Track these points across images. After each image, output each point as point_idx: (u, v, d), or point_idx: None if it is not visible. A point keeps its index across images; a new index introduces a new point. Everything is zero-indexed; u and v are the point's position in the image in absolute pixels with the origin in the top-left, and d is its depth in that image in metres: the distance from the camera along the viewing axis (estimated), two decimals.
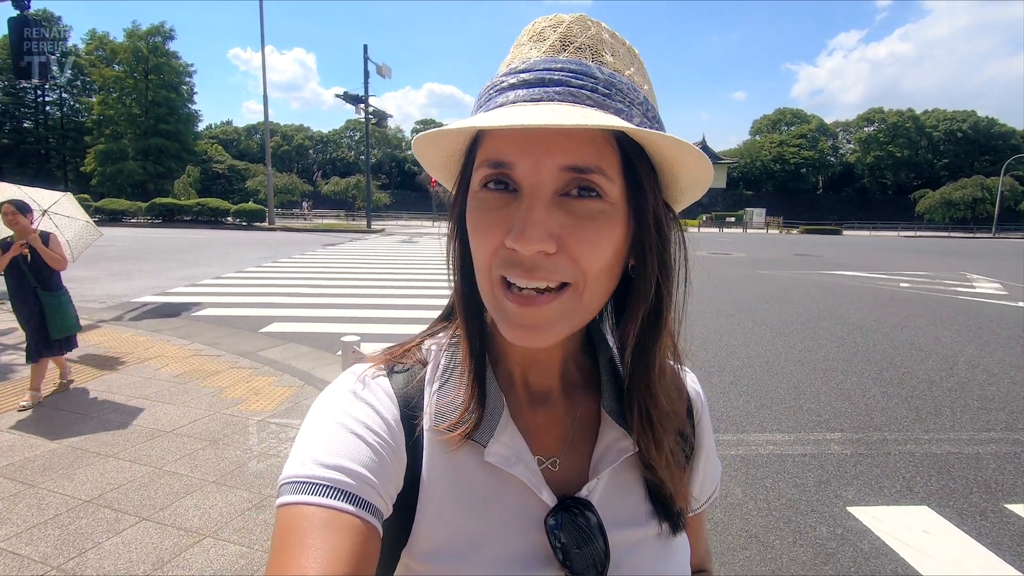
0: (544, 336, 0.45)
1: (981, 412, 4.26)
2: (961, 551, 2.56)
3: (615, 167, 0.44)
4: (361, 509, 0.44)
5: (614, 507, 0.54)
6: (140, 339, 5.94)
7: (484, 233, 0.45)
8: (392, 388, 0.53)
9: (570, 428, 0.56)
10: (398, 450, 0.50)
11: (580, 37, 0.47)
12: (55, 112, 57.72)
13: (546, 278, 0.43)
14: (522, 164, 0.43)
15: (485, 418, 0.52)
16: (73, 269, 12.68)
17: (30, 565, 2.24)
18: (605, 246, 0.44)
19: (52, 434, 3.46)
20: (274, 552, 0.42)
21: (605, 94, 0.44)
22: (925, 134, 66.29)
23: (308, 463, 0.45)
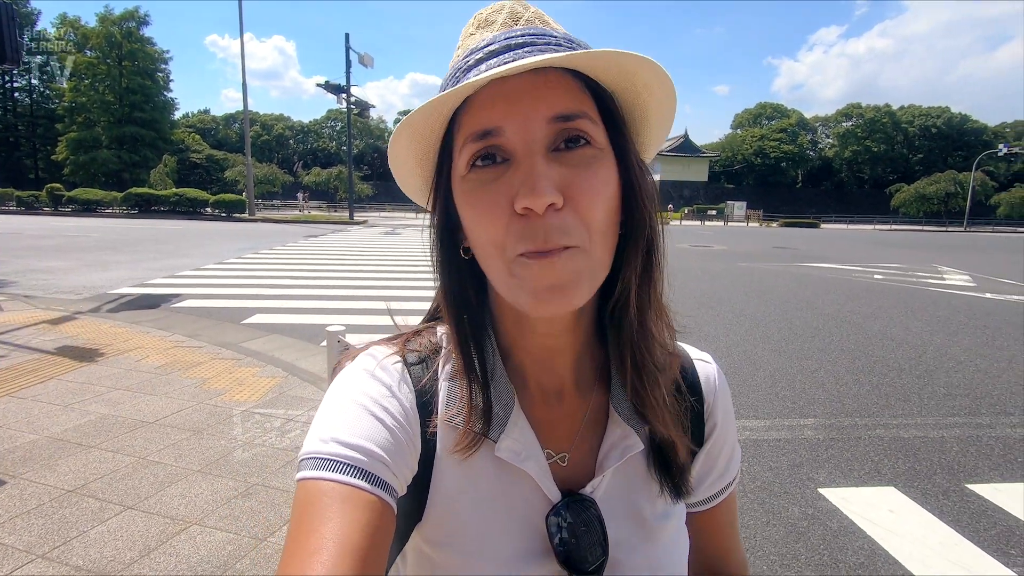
0: (570, 295, 0.44)
1: (947, 398, 4.43)
2: (924, 529, 2.69)
3: (594, 110, 0.46)
4: (377, 487, 0.45)
5: (618, 504, 0.55)
6: (119, 330, 5.86)
7: (488, 208, 0.45)
8: (409, 375, 0.54)
9: (581, 423, 0.56)
10: (414, 436, 0.51)
11: (525, 13, 0.50)
12: (24, 99, 56.00)
13: (559, 241, 0.43)
14: (510, 127, 0.44)
15: (495, 415, 0.52)
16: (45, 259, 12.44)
17: (14, 554, 2.24)
18: (604, 191, 0.45)
19: (31, 427, 3.43)
20: (294, 522, 0.44)
21: (569, 46, 0.46)
22: (901, 129, 67.65)
23: (329, 441, 0.46)
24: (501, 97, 0.44)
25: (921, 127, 67.06)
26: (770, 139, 68.94)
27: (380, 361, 0.54)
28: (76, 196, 31.10)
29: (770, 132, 70.04)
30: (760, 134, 70.20)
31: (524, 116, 0.43)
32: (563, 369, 0.55)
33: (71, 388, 4.12)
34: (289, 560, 0.41)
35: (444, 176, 0.50)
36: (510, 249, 0.44)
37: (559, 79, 0.44)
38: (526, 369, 0.55)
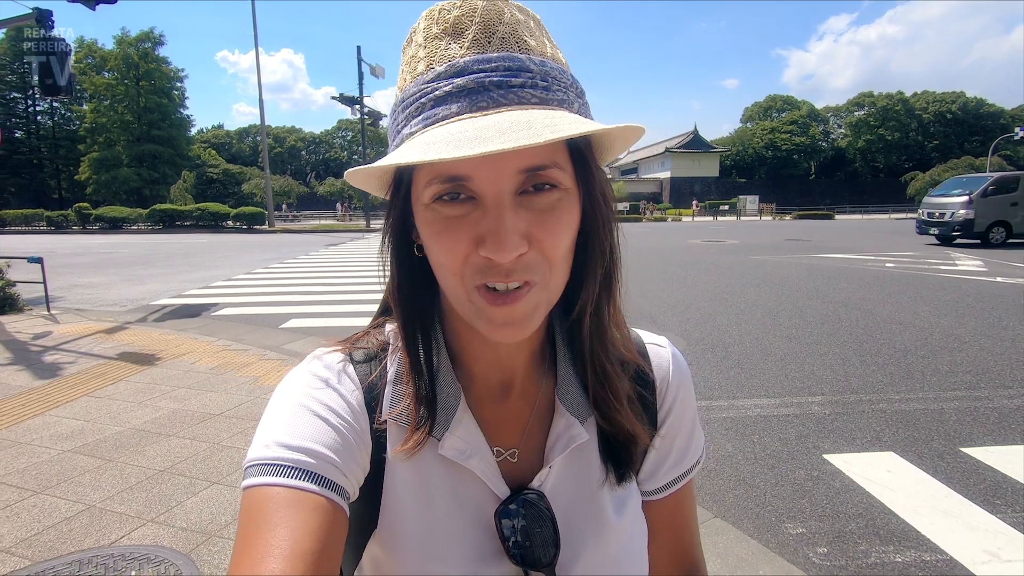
0: (526, 328, 0.46)
1: (949, 375, 4.70)
2: (918, 485, 2.99)
3: (565, 156, 0.46)
4: (326, 489, 0.44)
5: (567, 495, 0.55)
6: (169, 337, 6.32)
7: (449, 244, 0.45)
8: (356, 373, 0.53)
9: (529, 418, 0.56)
10: (363, 434, 0.50)
11: (499, 26, 0.45)
12: (46, 121, 57.72)
13: (521, 277, 0.44)
14: (479, 176, 0.43)
15: (439, 413, 0.52)
16: (84, 275, 13.10)
17: (128, 520, 2.64)
18: (566, 231, 0.46)
19: (114, 421, 3.86)
20: (241, 532, 0.42)
21: (544, 87, 0.44)
22: (915, 116, 66.85)
23: (272, 445, 0.45)
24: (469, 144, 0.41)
25: (936, 113, 66.22)
26: (781, 131, 68.55)
27: (324, 361, 0.53)
28: (103, 214, 32.13)
29: (781, 124, 69.64)
30: (771, 127, 69.84)
31: (494, 168, 0.43)
32: (515, 368, 0.56)
33: (140, 388, 4.56)
34: (235, 571, 0.40)
35: (404, 189, 0.50)
36: (468, 279, 0.45)
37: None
38: (473, 366, 0.55)
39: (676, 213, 45.92)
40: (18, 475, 3.04)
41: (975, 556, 2.39)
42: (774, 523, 2.69)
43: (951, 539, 2.51)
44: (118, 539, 2.48)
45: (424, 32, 0.47)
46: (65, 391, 4.44)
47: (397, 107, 0.48)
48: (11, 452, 3.32)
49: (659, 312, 7.38)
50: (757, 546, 2.44)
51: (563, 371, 0.56)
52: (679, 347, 0.68)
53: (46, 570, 2.26)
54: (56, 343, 5.98)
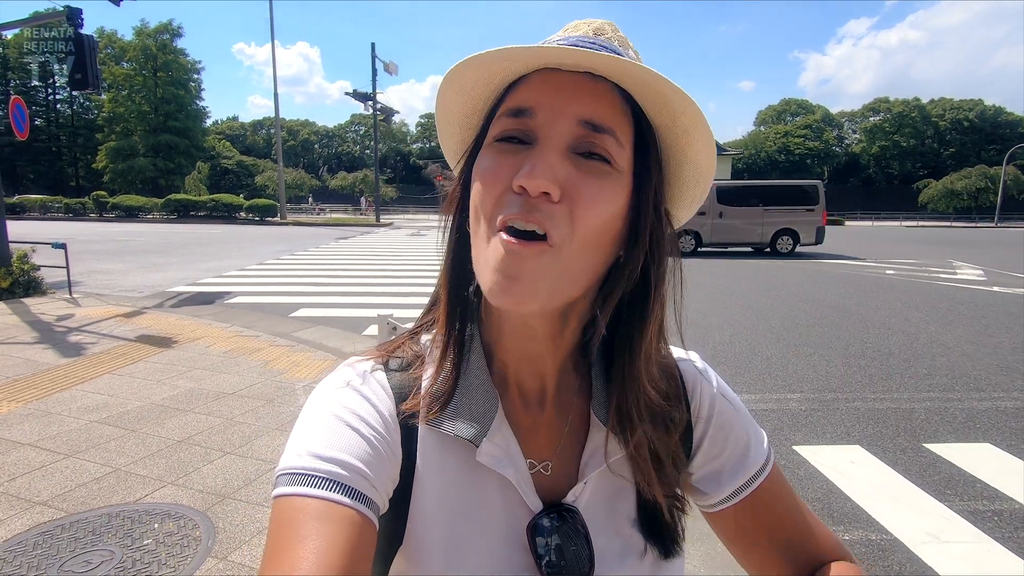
0: (522, 292, 0.44)
1: (926, 378, 4.90)
2: (877, 476, 3.21)
3: (627, 135, 0.46)
4: (357, 501, 0.45)
5: (602, 513, 0.54)
6: (185, 322, 6.63)
7: (492, 176, 0.45)
8: (388, 382, 0.53)
9: (563, 431, 0.55)
10: (393, 445, 0.50)
11: (610, 33, 0.51)
12: (66, 110, 58.72)
13: (541, 222, 0.43)
14: (542, 112, 0.45)
15: (477, 416, 0.51)
16: (103, 262, 13.44)
17: (150, 481, 2.93)
18: (603, 207, 0.44)
19: (135, 396, 4.15)
20: (271, 541, 0.43)
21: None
22: (931, 123, 66.23)
23: (304, 455, 0.46)
24: (546, 84, 0.45)
25: (952, 120, 65.58)
26: (794, 136, 68.19)
27: (358, 371, 0.53)
28: (120, 203, 32.75)
29: (794, 128, 69.28)
30: (784, 131, 69.49)
31: (558, 107, 0.45)
32: (545, 375, 0.54)
33: (158, 368, 4.86)
34: None
35: (478, 145, 0.50)
36: (494, 223, 0.45)
37: (606, 92, 0.45)
38: (508, 372, 0.54)
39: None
40: (50, 440, 3.34)
41: (917, 537, 2.62)
42: None
43: (899, 522, 2.74)
44: (142, 497, 2.76)
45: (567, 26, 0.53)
46: (89, 369, 4.75)
47: None
48: (43, 421, 3.62)
49: None
50: None
51: (597, 384, 0.55)
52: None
53: (79, 520, 2.54)
54: (79, 325, 6.31)
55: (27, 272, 8.03)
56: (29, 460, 3.10)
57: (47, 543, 2.38)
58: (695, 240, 15.94)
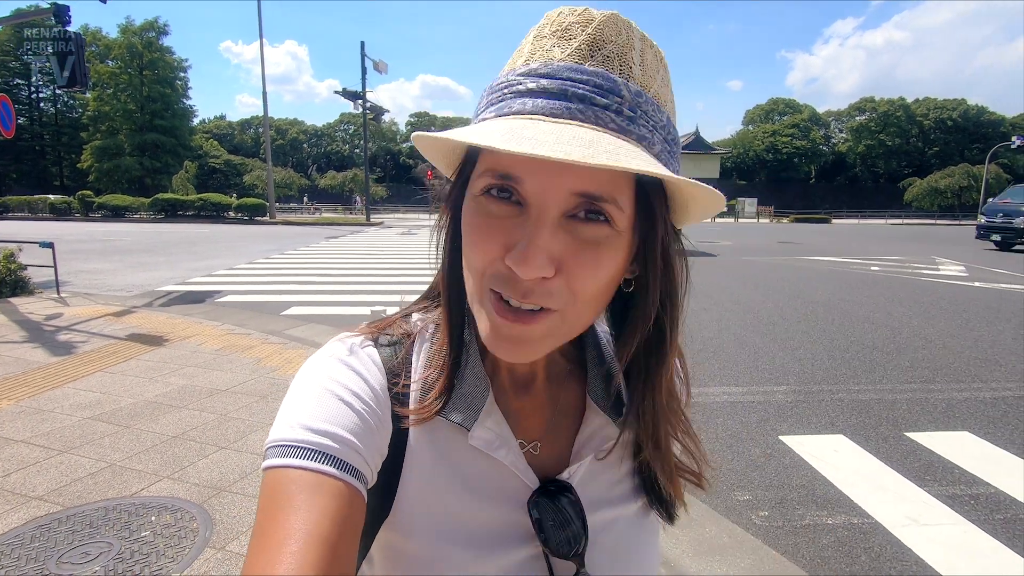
0: (527, 353, 0.46)
1: (908, 370, 5.01)
2: (860, 463, 3.31)
3: (628, 197, 0.43)
4: (347, 474, 0.45)
5: (595, 489, 0.56)
6: (176, 321, 6.62)
7: (482, 241, 0.45)
8: (379, 357, 0.54)
9: (552, 414, 0.57)
10: (384, 418, 0.51)
11: (610, 43, 0.44)
12: (49, 108, 57.93)
13: (538, 301, 0.43)
14: (531, 181, 0.42)
15: (468, 403, 0.52)
16: (90, 261, 13.30)
17: (146, 476, 2.95)
18: (603, 273, 0.44)
19: (128, 394, 4.16)
20: (261, 512, 0.43)
21: (630, 117, 0.43)
22: (916, 123, 67.17)
23: (296, 427, 0.46)
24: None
25: (936, 120, 66.56)
26: (782, 135, 68.85)
27: (347, 344, 0.54)
28: (106, 202, 32.36)
29: (782, 128, 69.93)
30: (772, 130, 70.12)
31: (547, 181, 0.42)
32: (536, 363, 0.56)
33: (150, 365, 4.86)
34: (255, 553, 0.41)
35: (464, 178, 0.49)
36: (487, 281, 0.45)
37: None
38: (500, 362, 0.55)
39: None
40: (44, 437, 3.35)
41: (897, 521, 2.71)
42: (725, 491, 3.00)
43: (880, 507, 2.82)
44: (138, 491, 2.78)
45: (538, 31, 0.47)
46: (80, 367, 4.74)
47: (484, 92, 0.49)
48: (36, 418, 3.62)
49: None
50: (707, 509, 2.75)
51: (593, 371, 0.57)
52: None
53: (76, 514, 2.56)
54: (68, 324, 6.28)
55: (14, 272, 7.96)
56: (23, 456, 3.10)
57: (45, 536, 2.40)
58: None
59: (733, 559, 2.33)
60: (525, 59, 0.46)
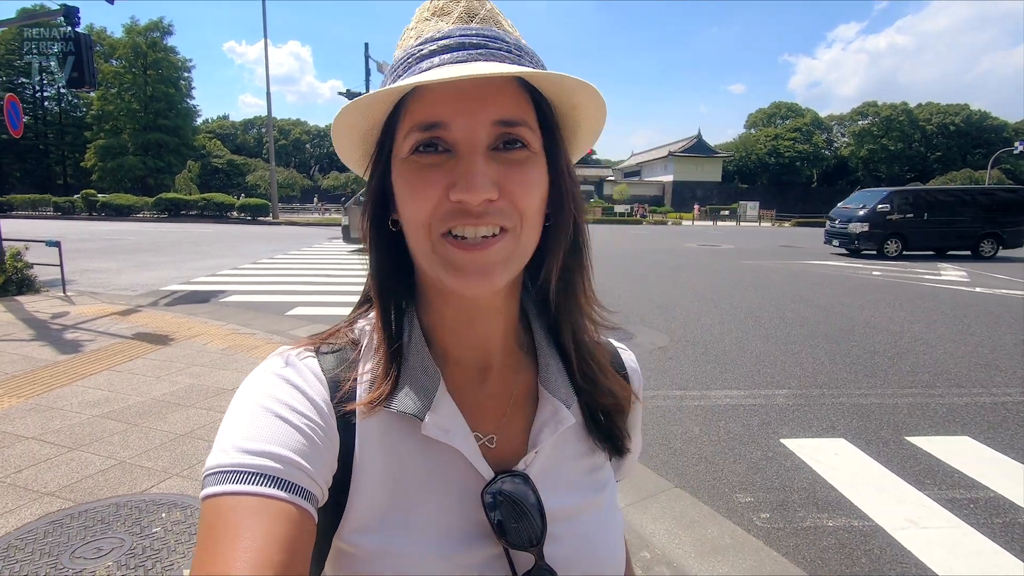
0: (494, 278, 0.47)
1: (909, 374, 5.04)
2: (860, 466, 3.34)
3: (534, 120, 0.49)
4: (293, 495, 0.43)
5: (552, 478, 0.55)
6: (181, 320, 6.66)
7: (421, 191, 0.47)
8: (321, 368, 0.52)
9: (507, 404, 0.57)
10: (329, 432, 0.49)
11: (481, 11, 0.51)
12: (53, 107, 58.03)
13: (492, 222, 0.46)
14: (457, 123, 0.46)
15: (420, 392, 0.51)
16: (94, 260, 13.38)
17: (156, 473, 2.99)
18: (535, 188, 0.49)
19: (136, 392, 4.20)
20: (200, 545, 0.40)
21: (517, 55, 0.49)
22: (919, 127, 67.12)
23: (231, 451, 0.44)
24: (450, 94, 0.46)
25: (939, 125, 66.50)
26: (784, 139, 68.80)
27: (286, 358, 0.52)
28: (110, 201, 32.44)
29: (784, 132, 69.88)
30: (774, 133, 70.08)
31: (471, 116, 0.46)
32: (491, 351, 0.56)
33: (157, 364, 4.90)
34: None
35: (385, 153, 0.51)
36: (436, 227, 0.47)
37: (506, 86, 0.47)
38: (449, 350, 0.56)
39: (677, 217, 46.25)
40: (54, 434, 3.39)
41: (897, 523, 2.74)
42: (727, 493, 3.03)
43: (880, 510, 2.86)
44: (147, 488, 2.82)
45: (418, 16, 0.53)
46: (88, 365, 4.78)
47: (386, 76, 0.52)
48: (46, 415, 3.67)
49: (646, 311, 7.73)
50: (709, 511, 2.78)
51: (544, 358, 0.58)
52: (661, 343, 0.72)
53: (88, 510, 2.60)
54: (74, 322, 6.33)
55: (20, 270, 8.02)
56: (34, 453, 3.15)
57: (57, 531, 2.44)
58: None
59: (735, 560, 2.36)
60: (415, 37, 0.51)
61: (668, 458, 3.43)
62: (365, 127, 0.52)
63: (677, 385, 4.71)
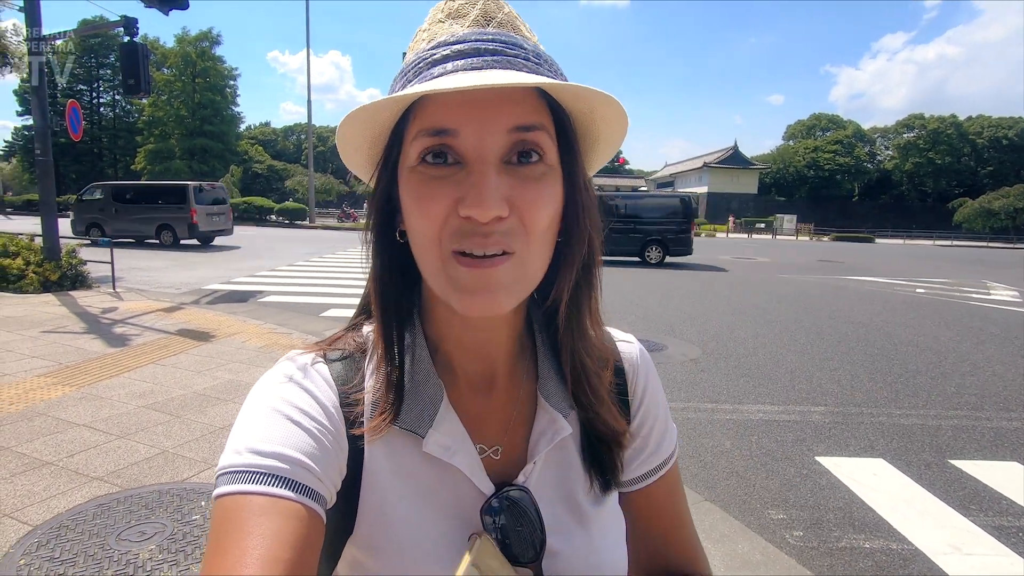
0: (499, 300, 0.46)
1: (954, 395, 4.85)
2: (900, 488, 3.23)
3: (552, 127, 0.47)
4: (302, 495, 0.44)
5: (552, 490, 0.55)
6: (221, 319, 6.90)
7: (428, 205, 0.45)
8: (331, 374, 0.53)
9: (511, 414, 0.56)
10: (339, 436, 0.50)
11: (499, 14, 0.49)
12: (108, 113, 61.00)
13: (500, 243, 0.44)
14: (467, 131, 0.44)
15: (422, 408, 0.52)
16: (142, 260, 13.92)
17: (195, 463, 3.10)
18: (548, 206, 0.46)
19: (178, 385, 4.37)
20: (211, 542, 0.41)
21: (536, 63, 0.47)
22: (968, 141, 64.58)
23: (243, 452, 0.45)
24: (462, 100, 0.44)
25: (991, 138, 63.86)
26: (824, 151, 67.09)
27: (297, 363, 0.52)
28: None
29: (824, 144, 68.17)
30: (813, 145, 68.43)
31: (482, 123, 0.44)
32: (496, 360, 0.56)
33: (198, 360, 5.09)
34: None
35: (392, 160, 0.50)
36: (445, 244, 0.45)
37: (522, 95, 0.45)
38: (454, 361, 0.55)
39: (711, 229, 45.50)
40: (103, 422, 3.55)
41: (939, 548, 2.64)
42: (759, 509, 2.97)
43: (920, 534, 2.76)
44: (188, 477, 2.93)
45: (429, 20, 0.50)
46: (134, 358, 5.00)
47: (396, 79, 0.50)
48: (95, 404, 3.85)
49: (677, 322, 7.63)
50: (740, 526, 2.73)
51: (543, 365, 0.57)
52: (694, 355, 0.69)
53: (133, 495, 2.72)
54: (123, 317, 6.62)
55: (75, 267, 8.44)
56: (85, 439, 3.31)
57: (104, 514, 2.56)
58: None
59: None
60: (427, 40, 0.49)
61: (698, 471, 3.38)
62: (372, 133, 0.50)
63: (709, 398, 4.64)
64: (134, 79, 6.65)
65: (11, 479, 2.83)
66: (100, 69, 58.25)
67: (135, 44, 6.64)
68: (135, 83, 6.70)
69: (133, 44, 6.66)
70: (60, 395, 4.00)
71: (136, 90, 6.72)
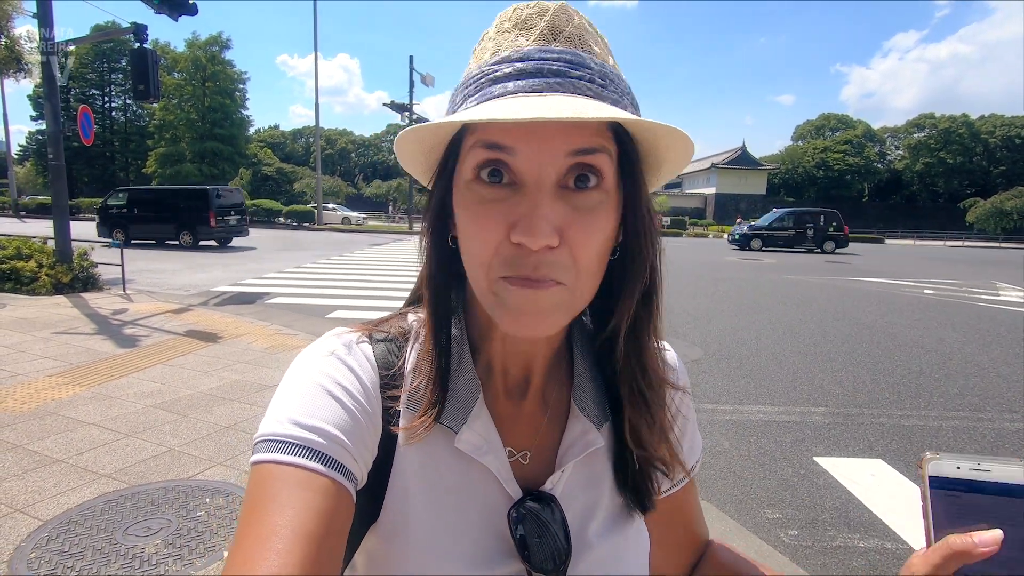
0: (545, 322, 0.45)
1: (957, 398, 4.83)
2: (897, 488, 3.24)
3: (614, 149, 0.46)
4: (335, 471, 0.45)
5: (579, 500, 0.54)
6: (228, 320, 6.99)
7: (484, 225, 0.45)
8: (374, 354, 0.53)
9: (543, 420, 0.56)
10: (375, 417, 0.50)
11: (567, 27, 0.47)
12: (120, 117, 61.77)
13: (547, 274, 0.44)
14: (525, 150, 0.43)
15: (458, 405, 0.52)
16: (152, 261, 14.06)
17: (200, 462, 3.17)
18: (600, 237, 0.45)
19: (185, 385, 4.45)
20: (246, 507, 0.43)
21: (601, 85, 0.45)
22: (980, 140, 63.90)
23: (285, 422, 0.45)
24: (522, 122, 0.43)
25: (1004, 138, 63.13)
26: (834, 151, 66.62)
27: (343, 340, 0.53)
28: None
29: (834, 144, 67.68)
30: (823, 146, 67.96)
31: (541, 145, 0.43)
32: (534, 367, 0.55)
33: (205, 360, 5.17)
34: (239, 547, 0.40)
35: (448, 170, 0.50)
36: (495, 270, 0.45)
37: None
38: (494, 363, 0.55)
39: (719, 229, 45.30)
40: (112, 421, 3.64)
41: None
42: (755, 508, 3.00)
43: (916, 534, 2.77)
44: (194, 475, 3.00)
45: (496, 28, 0.49)
46: (143, 359, 5.09)
47: (457, 89, 0.49)
48: (104, 403, 3.94)
49: (680, 322, 7.64)
50: (735, 525, 2.76)
51: (579, 375, 0.56)
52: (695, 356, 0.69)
53: (140, 492, 2.79)
54: (132, 319, 6.73)
55: (86, 269, 8.58)
56: (94, 437, 3.39)
57: (112, 510, 2.63)
58: None
59: None
60: (492, 51, 0.48)
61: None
62: (429, 144, 0.50)
63: (709, 399, 4.66)
64: (144, 84, 6.77)
65: (23, 476, 2.91)
66: (112, 74, 59.04)
67: (145, 50, 6.76)
68: (145, 88, 6.82)
69: (143, 50, 6.78)
70: (71, 395, 4.09)
71: (146, 95, 6.84)
